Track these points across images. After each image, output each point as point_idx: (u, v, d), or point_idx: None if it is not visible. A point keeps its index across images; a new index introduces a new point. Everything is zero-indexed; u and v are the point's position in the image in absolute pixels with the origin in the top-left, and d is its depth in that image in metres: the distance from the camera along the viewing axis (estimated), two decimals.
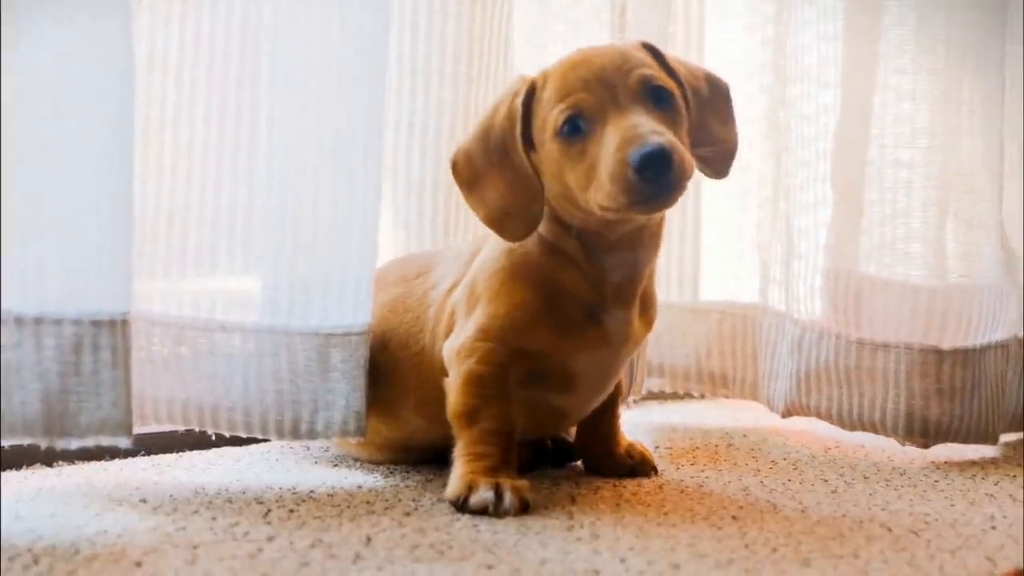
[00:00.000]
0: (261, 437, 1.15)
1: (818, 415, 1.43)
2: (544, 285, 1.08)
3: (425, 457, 1.21)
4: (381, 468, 1.21)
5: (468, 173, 1.08)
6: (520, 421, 1.09)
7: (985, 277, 1.42)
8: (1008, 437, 1.49)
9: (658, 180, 0.96)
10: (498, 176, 1.06)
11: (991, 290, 1.42)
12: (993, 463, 1.36)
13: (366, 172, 1.12)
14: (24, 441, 0.96)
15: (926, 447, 1.37)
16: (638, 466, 1.21)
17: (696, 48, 1.56)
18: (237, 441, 1.22)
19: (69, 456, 1.16)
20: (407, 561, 0.87)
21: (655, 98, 1.02)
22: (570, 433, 1.28)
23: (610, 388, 1.17)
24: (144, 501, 1.03)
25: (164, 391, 1.12)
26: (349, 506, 1.04)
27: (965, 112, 1.41)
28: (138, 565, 0.84)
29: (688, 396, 1.72)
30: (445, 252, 1.23)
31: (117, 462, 1.19)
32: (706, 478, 1.21)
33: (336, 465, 1.22)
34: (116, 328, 0.98)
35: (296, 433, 1.12)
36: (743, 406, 1.66)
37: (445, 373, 1.10)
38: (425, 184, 1.34)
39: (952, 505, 1.12)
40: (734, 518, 1.03)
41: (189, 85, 1.12)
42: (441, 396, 1.09)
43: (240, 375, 1.11)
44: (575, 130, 1.02)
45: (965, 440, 1.37)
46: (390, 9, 1.15)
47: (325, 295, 1.12)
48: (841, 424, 1.41)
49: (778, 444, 1.43)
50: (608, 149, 0.98)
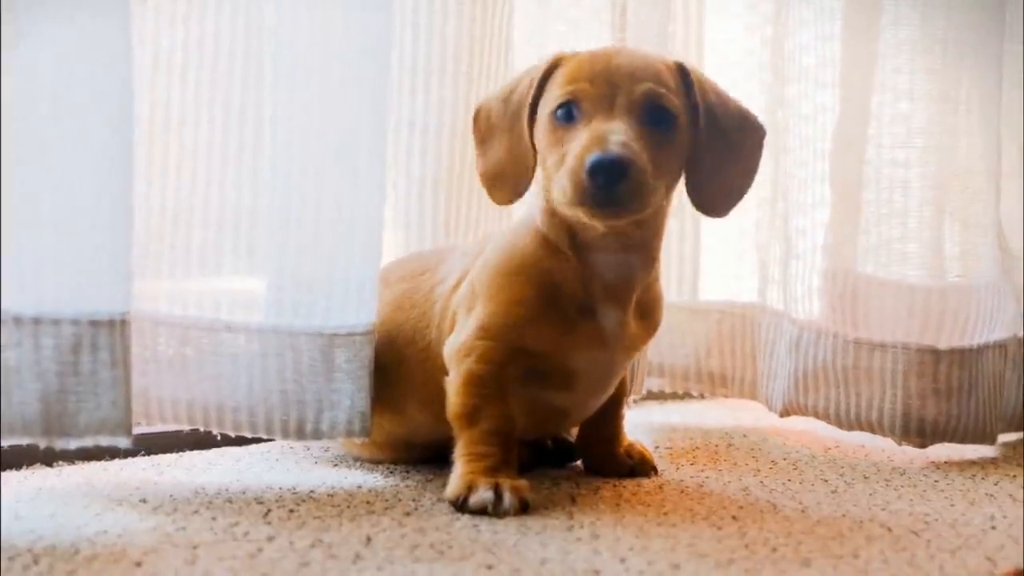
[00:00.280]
0: (266, 437, 1.15)
1: (815, 415, 1.43)
2: (540, 281, 1.08)
3: (427, 456, 1.21)
4: (381, 468, 1.21)
5: (484, 128, 1.12)
6: (521, 421, 1.09)
7: (982, 277, 1.42)
8: (1008, 437, 1.49)
9: (607, 188, 0.97)
10: (505, 138, 1.10)
11: (988, 290, 1.42)
12: (993, 463, 1.36)
13: (370, 172, 1.12)
14: (23, 441, 0.96)
15: (923, 447, 1.38)
16: (637, 466, 1.21)
17: (696, 48, 1.56)
18: (237, 441, 1.22)
19: (69, 456, 1.16)
20: (407, 561, 0.87)
21: (653, 117, 1.03)
22: (571, 433, 1.28)
23: (611, 389, 1.17)
24: (144, 501, 1.03)
25: (169, 391, 1.12)
26: (349, 506, 1.04)
27: (962, 111, 1.42)
28: (138, 565, 0.84)
29: (688, 396, 1.72)
30: (452, 249, 1.23)
31: (117, 462, 1.19)
32: (706, 478, 1.21)
33: (336, 465, 1.22)
34: (115, 328, 0.98)
35: (301, 433, 1.12)
36: (743, 406, 1.67)
37: (446, 372, 1.10)
38: (426, 183, 1.34)
39: (952, 505, 1.12)
40: (734, 518, 1.03)
41: (194, 86, 1.12)
42: (445, 393, 1.09)
43: (245, 375, 1.11)
44: (568, 116, 1.03)
45: (962, 440, 1.37)
46: (393, 9, 1.15)
47: (329, 295, 1.12)
48: (838, 424, 1.41)
49: (778, 444, 1.43)
50: (576, 145, 1.00)
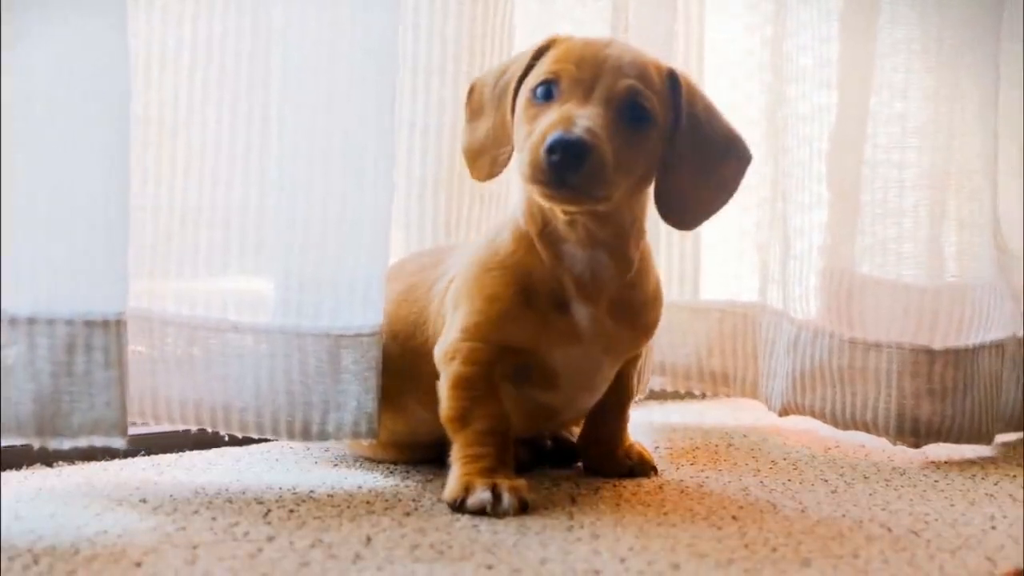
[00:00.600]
0: (272, 438, 1.15)
1: (812, 414, 1.43)
2: (517, 276, 1.08)
3: (429, 456, 1.21)
4: (381, 468, 1.21)
5: (476, 103, 1.13)
6: (513, 420, 1.09)
7: (979, 277, 1.42)
8: (1007, 437, 1.49)
9: (562, 168, 0.97)
10: (491, 115, 1.11)
11: (984, 290, 1.42)
12: (993, 463, 1.35)
13: (376, 172, 1.12)
14: (16, 441, 0.96)
15: (917, 447, 1.37)
16: (637, 466, 1.21)
17: (696, 48, 1.56)
18: (237, 441, 1.22)
19: (69, 456, 1.16)
20: (407, 561, 0.87)
21: (630, 113, 1.03)
22: (572, 433, 1.28)
23: (600, 388, 1.16)
24: (144, 501, 1.03)
25: (178, 391, 1.12)
26: (349, 506, 1.04)
27: (958, 111, 1.41)
28: (138, 565, 0.84)
29: (688, 396, 1.72)
30: (458, 246, 1.23)
31: (117, 462, 1.19)
32: (706, 478, 1.21)
33: (336, 465, 1.22)
34: (110, 328, 0.98)
35: (307, 435, 1.12)
36: (743, 405, 1.67)
37: (438, 375, 1.10)
38: (426, 184, 1.33)
39: (952, 505, 1.12)
40: (734, 518, 1.03)
41: (201, 86, 1.12)
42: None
43: (252, 376, 1.11)
44: (547, 94, 1.04)
45: (957, 440, 1.37)
46: (400, 8, 1.15)
47: (336, 296, 1.12)
48: (834, 423, 1.41)
49: (778, 444, 1.43)
50: (544, 121, 1.00)
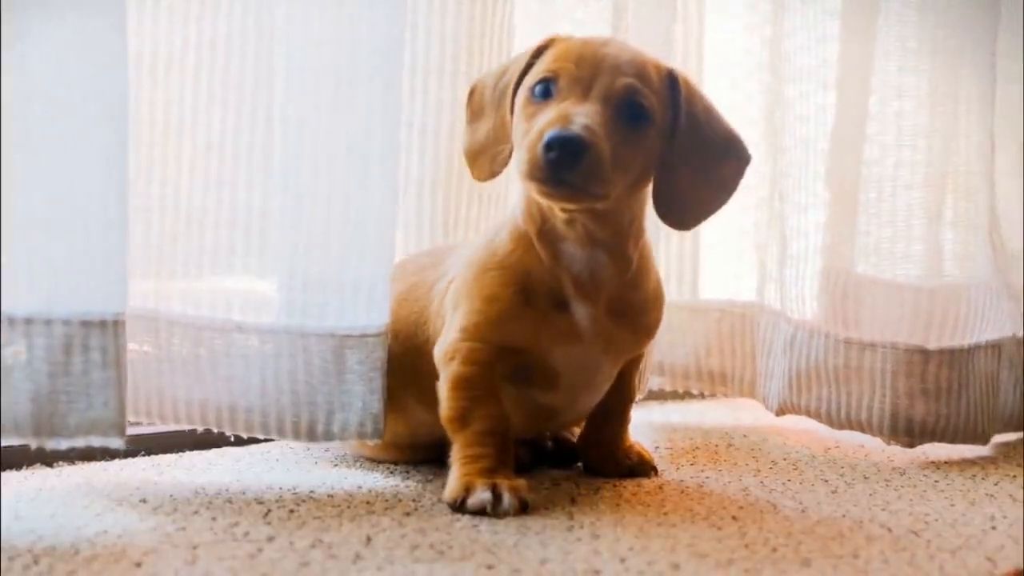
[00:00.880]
0: (277, 439, 1.14)
1: (808, 414, 1.42)
2: (516, 276, 1.08)
3: (429, 456, 1.21)
4: (381, 468, 1.21)
5: (476, 104, 1.13)
6: (512, 420, 1.09)
7: (974, 277, 1.42)
8: (1007, 437, 1.49)
9: (559, 165, 0.97)
10: (491, 115, 1.11)
11: (981, 290, 1.41)
12: (993, 463, 1.35)
13: (382, 172, 1.12)
14: (14, 441, 0.96)
15: (911, 446, 1.37)
16: (637, 467, 1.21)
17: (696, 48, 1.56)
18: (237, 441, 1.22)
19: (69, 456, 1.16)
20: (407, 561, 0.87)
21: (628, 112, 1.03)
22: (573, 433, 1.28)
23: (601, 389, 1.16)
24: (144, 501, 1.03)
25: (184, 391, 1.12)
26: (349, 506, 1.04)
27: (955, 111, 1.41)
28: (138, 565, 0.84)
29: (688, 395, 1.72)
30: (459, 246, 1.23)
31: (117, 462, 1.18)
32: (706, 478, 1.21)
33: (336, 465, 1.22)
34: (107, 328, 0.97)
35: (312, 435, 1.12)
36: (743, 405, 1.67)
37: (438, 375, 1.10)
38: (424, 184, 1.33)
39: (952, 505, 1.12)
40: (734, 518, 1.03)
41: (206, 86, 1.12)
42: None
43: (257, 376, 1.11)
44: (545, 93, 1.04)
45: (952, 440, 1.37)
46: (406, 7, 1.15)
47: (341, 296, 1.11)
48: (830, 423, 1.41)
49: (778, 444, 1.43)
50: (542, 119, 1.00)
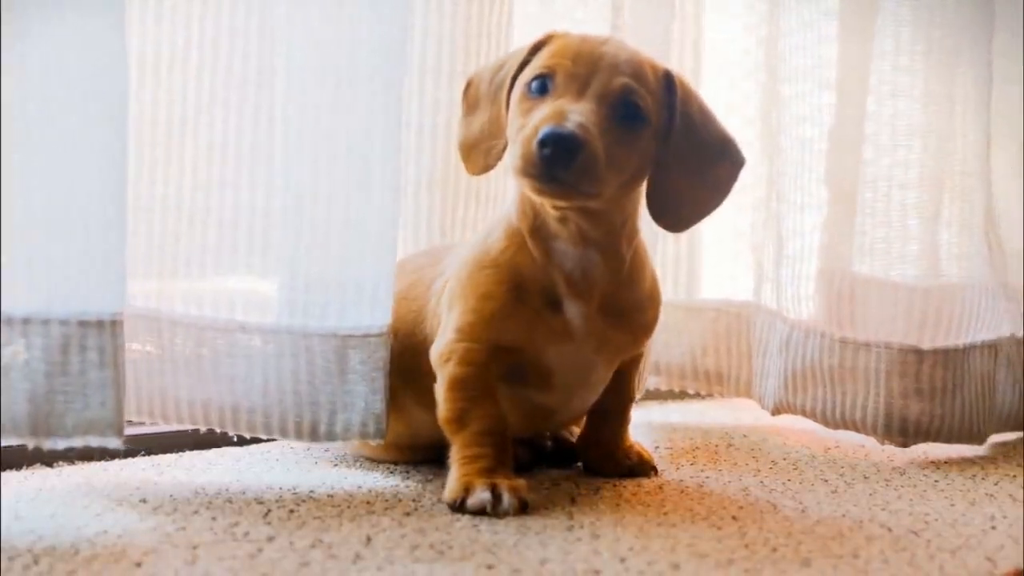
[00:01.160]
0: (280, 439, 1.14)
1: (804, 413, 1.42)
2: (509, 274, 1.08)
3: (430, 457, 1.21)
4: (381, 468, 1.21)
5: (472, 97, 1.13)
6: (510, 420, 1.09)
7: (970, 277, 1.42)
8: (1006, 437, 1.49)
9: (553, 162, 0.97)
10: (487, 109, 1.11)
11: (976, 290, 1.41)
12: (993, 463, 1.35)
13: (383, 172, 1.12)
14: (11, 441, 0.95)
15: (905, 446, 1.37)
16: (636, 467, 1.21)
17: (694, 48, 1.56)
18: (237, 441, 1.22)
19: (69, 456, 1.16)
20: (407, 561, 0.87)
21: (624, 112, 1.03)
22: (572, 433, 1.28)
23: (597, 388, 1.16)
24: (144, 501, 1.03)
25: (186, 391, 1.12)
26: (349, 506, 1.04)
27: (951, 112, 1.41)
28: (138, 565, 0.84)
29: (687, 395, 1.72)
30: (456, 245, 1.23)
31: (117, 462, 1.18)
32: (706, 478, 1.21)
33: (336, 465, 1.22)
34: (104, 328, 0.97)
35: (315, 435, 1.12)
36: (742, 405, 1.66)
37: (435, 377, 1.10)
38: (421, 184, 1.33)
39: (952, 505, 1.12)
40: (734, 518, 1.03)
41: (208, 86, 1.12)
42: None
43: (260, 376, 1.11)
44: (541, 89, 1.04)
45: (948, 440, 1.37)
46: (409, 7, 1.15)
47: (343, 296, 1.11)
48: (825, 423, 1.41)
49: (778, 444, 1.43)
50: (537, 115, 1.00)
